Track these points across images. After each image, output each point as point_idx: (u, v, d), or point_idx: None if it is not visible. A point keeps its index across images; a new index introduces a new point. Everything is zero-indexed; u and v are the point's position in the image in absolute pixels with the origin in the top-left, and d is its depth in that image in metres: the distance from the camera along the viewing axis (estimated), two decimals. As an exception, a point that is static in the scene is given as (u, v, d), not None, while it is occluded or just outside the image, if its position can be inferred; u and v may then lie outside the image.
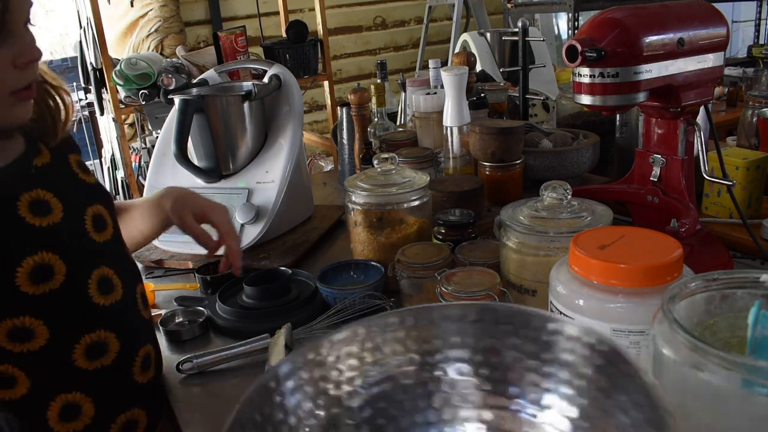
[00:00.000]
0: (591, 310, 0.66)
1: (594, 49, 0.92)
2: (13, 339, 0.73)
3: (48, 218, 0.76)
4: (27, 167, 0.79)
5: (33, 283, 0.73)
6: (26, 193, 0.75)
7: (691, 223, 1.04)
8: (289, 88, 1.37)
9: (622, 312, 0.64)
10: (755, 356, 0.50)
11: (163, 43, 3.43)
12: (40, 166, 0.80)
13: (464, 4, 3.63)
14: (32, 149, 0.81)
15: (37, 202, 0.76)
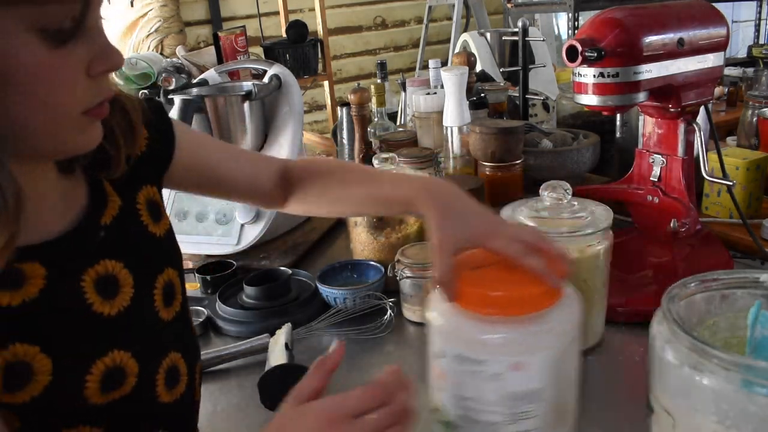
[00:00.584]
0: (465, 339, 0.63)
1: (594, 49, 0.92)
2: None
3: (118, 301, 0.60)
4: (94, 229, 0.61)
5: (104, 393, 0.58)
6: (91, 267, 0.59)
7: (691, 223, 1.04)
8: (289, 88, 1.37)
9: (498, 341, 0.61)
10: (755, 356, 0.50)
11: (163, 43, 3.43)
12: (108, 224, 0.62)
13: (464, 4, 3.63)
14: (98, 198, 0.63)
15: (104, 279, 0.60)
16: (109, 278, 0.60)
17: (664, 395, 0.53)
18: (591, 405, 0.81)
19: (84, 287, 0.58)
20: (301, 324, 1.02)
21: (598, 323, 0.92)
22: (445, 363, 0.63)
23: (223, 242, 1.26)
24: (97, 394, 0.58)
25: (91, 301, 0.59)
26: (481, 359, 0.60)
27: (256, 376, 0.83)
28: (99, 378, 0.58)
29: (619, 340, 0.94)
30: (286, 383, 0.82)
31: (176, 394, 0.68)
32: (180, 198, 1.32)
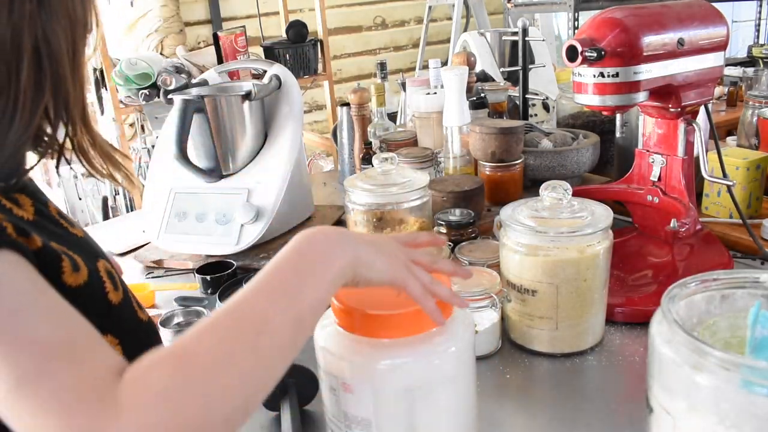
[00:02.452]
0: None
1: (594, 49, 0.92)
2: None
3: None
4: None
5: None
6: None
7: (691, 223, 1.04)
8: (289, 88, 1.37)
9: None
10: (755, 356, 0.50)
11: (163, 43, 3.43)
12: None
13: (464, 4, 3.63)
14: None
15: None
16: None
17: (664, 395, 0.53)
18: (591, 405, 0.81)
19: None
20: (301, 324, 1.02)
21: (598, 323, 0.92)
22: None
23: (223, 242, 1.26)
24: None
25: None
26: (324, 369, 0.62)
27: (256, 376, 0.83)
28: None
29: (619, 340, 0.94)
30: (286, 383, 0.82)
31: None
32: (180, 198, 1.32)
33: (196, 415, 0.46)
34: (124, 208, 3.03)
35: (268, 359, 0.52)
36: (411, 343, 0.59)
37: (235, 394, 0.49)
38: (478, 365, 0.68)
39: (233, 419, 0.49)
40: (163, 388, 0.46)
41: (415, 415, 0.60)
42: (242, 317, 0.53)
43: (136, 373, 0.47)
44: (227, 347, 0.50)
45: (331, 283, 0.57)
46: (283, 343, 0.53)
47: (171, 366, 0.48)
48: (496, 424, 0.79)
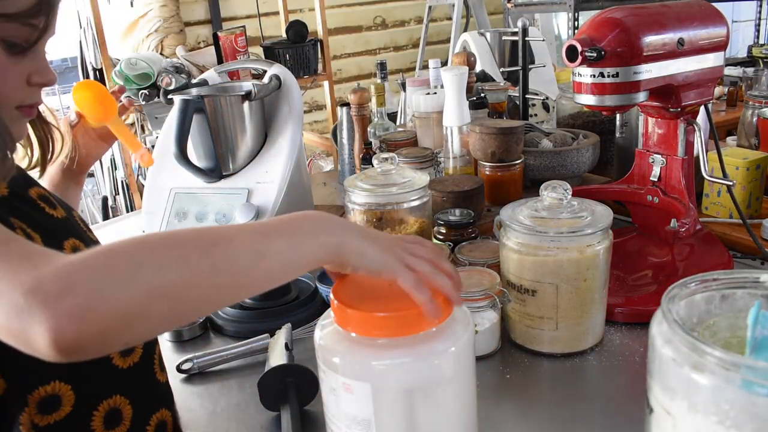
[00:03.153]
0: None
1: (594, 49, 0.92)
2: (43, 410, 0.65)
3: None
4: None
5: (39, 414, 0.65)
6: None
7: (691, 223, 1.04)
8: (289, 88, 1.37)
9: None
10: (755, 356, 0.50)
11: (163, 43, 3.43)
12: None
13: (464, 4, 3.63)
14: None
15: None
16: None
17: (664, 395, 0.53)
18: (591, 405, 0.81)
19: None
20: (301, 324, 1.02)
21: (598, 323, 0.92)
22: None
23: (223, 242, 1.26)
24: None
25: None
26: (324, 369, 0.62)
27: (256, 376, 0.83)
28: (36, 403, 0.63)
29: (619, 340, 0.94)
30: (286, 383, 0.82)
31: (129, 362, 0.72)
32: (180, 198, 1.32)
33: (127, 272, 0.48)
34: (124, 208, 3.03)
35: (215, 265, 0.52)
36: (411, 343, 0.59)
37: (168, 274, 0.50)
38: (478, 365, 0.68)
39: (157, 301, 0.49)
40: (106, 247, 0.50)
41: (415, 415, 0.60)
42: (206, 229, 0.56)
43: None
44: (179, 239, 0.53)
45: (309, 252, 0.58)
46: (235, 264, 0.54)
47: (121, 239, 0.51)
48: (496, 424, 0.79)
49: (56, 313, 0.45)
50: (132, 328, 0.49)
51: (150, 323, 0.50)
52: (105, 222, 2.23)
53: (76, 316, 0.46)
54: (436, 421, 0.61)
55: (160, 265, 0.50)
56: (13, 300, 0.46)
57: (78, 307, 0.46)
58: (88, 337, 0.47)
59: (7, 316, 0.46)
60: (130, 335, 0.50)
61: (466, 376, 0.63)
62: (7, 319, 0.46)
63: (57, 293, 0.46)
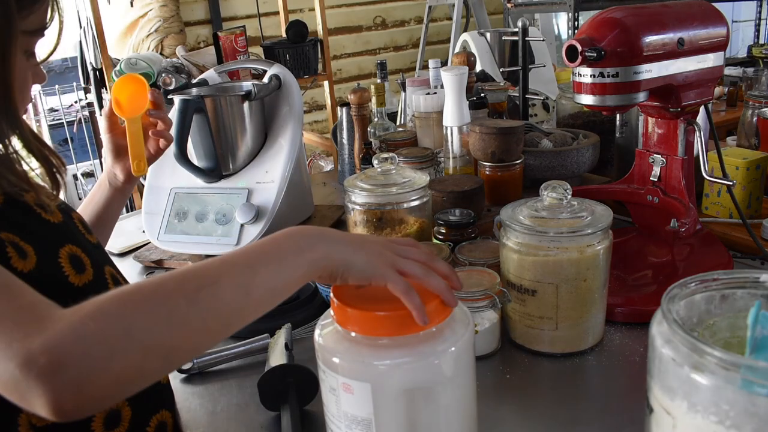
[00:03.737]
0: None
1: (594, 49, 0.92)
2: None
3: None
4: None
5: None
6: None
7: (691, 223, 1.04)
8: (289, 88, 1.37)
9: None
10: (755, 356, 0.50)
11: (163, 43, 3.43)
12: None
13: (464, 4, 3.63)
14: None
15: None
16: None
17: (664, 395, 0.53)
18: (591, 405, 0.81)
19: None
20: (301, 324, 1.02)
21: (598, 323, 0.92)
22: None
23: (222, 242, 1.26)
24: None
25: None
26: (324, 369, 0.62)
27: (256, 376, 0.83)
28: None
29: (619, 340, 0.94)
30: (286, 383, 0.82)
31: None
32: (180, 198, 1.32)
33: (118, 337, 0.49)
34: (124, 208, 3.03)
35: (202, 313, 0.53)
36: (411, 343, 0.59)
37: (158, 332, 0.51)
38: (478, 365, 0.68)
39: (151, 359, 0.51)
40: (94, 309, 0.50)
41: (416, 415, 0.60)
42: (190, 271, 0.56)
43: (75, 307, 0.51)
44: (165, 290, 0.53)
45: (295, 273, 0.59)
46: (223, 305, 0.55)
47: (108, 297, 0.51)
48: (496, 424, 0.79)
49: (53, 388, 0.46)
50: (128, 387, 0.51)
51: (145, 379, 0.52)
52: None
53: (73, 390, 0.47)
54: (436, 420, 0.61)
55: (150, 324, 0.51)
56: (9, 371, 0.47)
57: (74, 380, 0.47)
58: (88, 404, 0.49)
59: (5, 384, 0.48)
60: (128, 393, 0.52)
61: (466, 376, 0.63)
62: (5, 386, 0.48)
63: (51, 369, 0.47)
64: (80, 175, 3.56)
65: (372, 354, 0.59)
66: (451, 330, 0.62)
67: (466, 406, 0.64)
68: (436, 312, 0.60)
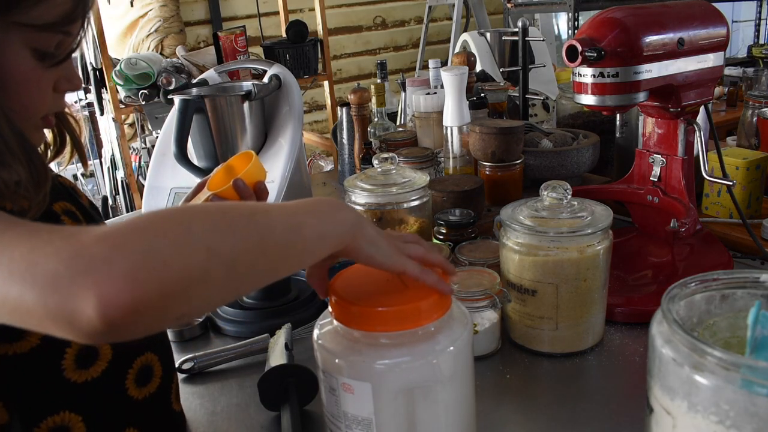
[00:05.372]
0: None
1: (594, 49, 0.92)
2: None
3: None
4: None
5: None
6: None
7: (691, 223, 1.04)
8: (289, 88, 1.37)
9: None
10: (755, 356, 0.50)
11: (163, 43, 3.43)
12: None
13: (464, 4, 3.63)
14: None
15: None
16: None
17: (664, 395, 0.53)
18: (591, 405, 0.81)
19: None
20: (301, 324, 1.02)
21: (598, 323, 0.92)
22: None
23: (223, 242, 1.26)
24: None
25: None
26: (324, 369, 0.61)
27: (256, 376, 0.83)
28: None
29: (619, 340, 0.94)
30: (286, 383, 0.82)
31: (146, 392, 0.70)
32: (180, 198, 1.32)
33: (180, 233, 0.44)
34: (124, 208, 3.03)
35: (260, 230, 0.50)
36: (410, 343, 0.59)
37: (221, 236, 0.46)
38: (478, 365, 0.68)
39: (216, 263, 0.46)
40: (149, 214, 0.45)
41: (415, 414, 0.60)
42: (240, 204, 0.53)
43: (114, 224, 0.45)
44: (221, 208, 0.50)
45: (334, 228, 0.56)
46: (277, 232, 0.51)
47: (157, 210, 0.47)
48: (496, 424, 0.79)
49: (109, 276, 0.39)
50: (191, 294, 0.44)
51: (209, 290, 0.46)
52: (105, 222, 2.23)
53: (131, 278, 0.40)
54: (436, 420, 0.61)
55: (214, 228, 0.46)
56: (50, 270, 0.39)
57: (134, 266, 0.40)
58: (147, 302, 0.41)
59: (40, 291, 0.40)
60: (189, 303, 0.45)
61: (465, 375, 0.63)
62: (39, 295, 0.40)
63: (106, 255, 0.40)
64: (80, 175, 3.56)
65: (371, 353, 0.59)
66: (449, 329, 0.62)
67: (466, 406, 0.64)
68: (424, 311, 0.60)
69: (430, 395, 0.60)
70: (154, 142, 2.08)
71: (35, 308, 0.40)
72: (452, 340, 0.61)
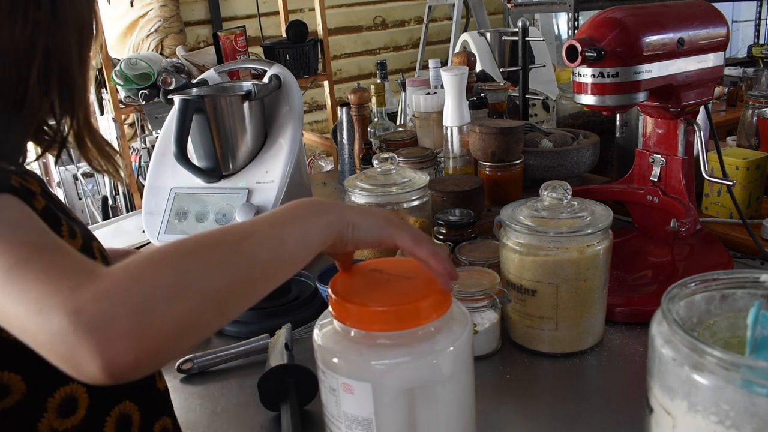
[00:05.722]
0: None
1: (594, 49, 0.92)
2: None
3: None
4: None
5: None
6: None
7: (691, 223, 1.04)
8: (289, 88, 1.37)
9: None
10: (755, 356, 0.50)
11: (163, 43, 3.43)
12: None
13: (464, 4, 3.63)
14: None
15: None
16: None
17: (664, 395, 0.53)
18: (591, 405, 0.81)
19: None
20: (301, 324, 1.02)
21: (598, 323, 0.92)
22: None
23: (223, 242, 1.26)
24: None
25: None
26: (323, 369, 0.61)
27: (256, 376, 0.83)
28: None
29: (619, 340, 0.94)
30: (286, 383, 0.82)
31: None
32: (180, 198, 1.32)
33: (175, 283, 0.47)
34: (124, 208, 3.03)
35: (247, 260, 0.53)
36: (410, 343, 0.59)
37: (212, 278, 0.49)
38: (478, 365, 0.68)
39: (208, 305, 0.49)
40: (144, 260, 0.48)
41: (415, 414, 0.60)
42: (224, 228, 0.56)
43: (123, 261, 0.48)
44: (211, 241, 0.53)
45: (318, 232, 0.59)
46: (264, 254, 0.54)
47: (156, 249, 0.50)
48: (496, 424, 0.79)
49: (108, 337, 0.43)
50: (187, 338, 0.48)
51: (202, 330, 0.49)
52: (105, 222, 2.23)
53: (131, 338, 0.43)
54: (436, 420, 0.61)
55: (204, 270, 0.49)
56: (58, 323, 0.43)
57: (134, 326, 0.44)
58: (147, 355, 0.44)
59: (52, 338, 0.43)
60: (185, 346, 0.49)
61: (464, 375, 0.63)
62: (52, 341, 0.44)
63: (104, 317, 0.43)
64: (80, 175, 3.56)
65: (371, 353, 0.59)
66: (449, 329, 0.62)
67: (466, 406, 0.64)
68: (434, 306, 0.60)
69: (430, 395, 0.60)
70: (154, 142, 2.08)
71: (49, 351, 0.44)
72: (452, 340, 0.61)
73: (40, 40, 0.62)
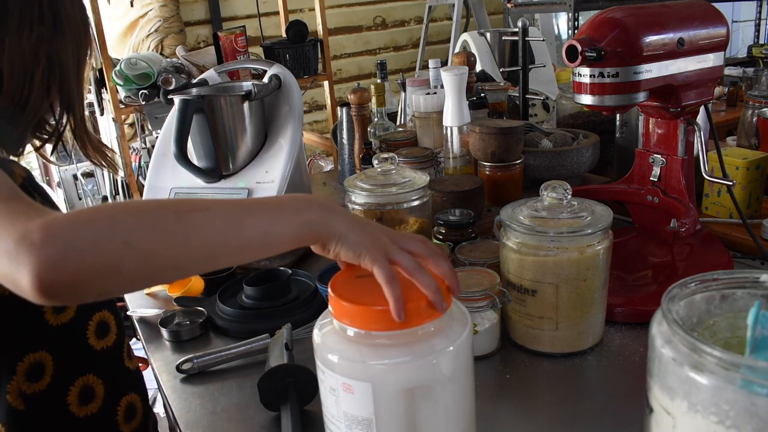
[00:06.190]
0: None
1: (594, 49, 0.92)
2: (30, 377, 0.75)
3: None
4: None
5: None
6: None
7: (691, 223, 1.04)
8: (289, 88, 1.37)
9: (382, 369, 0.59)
10: (755, 356, 0.50)
11: (163, 43, 3.43)
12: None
13: (464, 4, 3.63)
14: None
15: None
16: None
17: (664, 395, 0.53)
18: (591, 405, 0.81)
19: None
20: (301, 324, 1.02)
21: (598, 323, 0.92)
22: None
23: (223, 242, 1.26)
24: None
25: None
26: (323, 369, 0.61)
27: (256, 376, 0.83)
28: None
29: (619, 340, 0.94)
30: (286, 383, 0.82)
31: (103, 345, 0.82)
32: (179, 198, 1.32)
33: (103, 228, 0.53)
34: (124, 208, 3.03)
35: (187, 230, 0.56)
36: (409, 343, 0.59)
37: (140, 233, 0.54)
38: (478, 365, 0.68)
39: (129, 258, 0.53)
40: (91, 208, 0.55)
41: (415, 414, 0.60)
42: (188, 199, 0.61)
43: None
44: (159, 205, 0.57)
45: (289, 228, 0.60)
46: (210, 230, 0.57)
47: (108, 203, 0.57)
48: (496, 424, 0.79)
49: (37, 260, 0.50)
50: (105, 280, 0.53)
51: (122, 278, 0.54)
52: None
53: (52, 264, 0.51)
54: (436, 420, 0.61)
55: (136, 224, 0.54)
56: (6, 246, 0.51)
57: (55, 255, 0.51)
58: (62, 283, 0.51)
59: (2, 261, 0.52)
60: (103, 287, 0.54)
61: (464, 375, 0.63)
62: (2, 264, 0.52)
63: (40, 242, 0.51)
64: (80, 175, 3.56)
65: (370, 354, 0.59)
66: (449, 329, 0.62)
67: (466, 406, 0.64)
68: (423, 311, 0.59)
69: (430, 395, 0.60)
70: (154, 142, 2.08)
71: (2, 273, 0.53)
72: (452, 340, 0.61)
73: (43, 48, 0.74)
